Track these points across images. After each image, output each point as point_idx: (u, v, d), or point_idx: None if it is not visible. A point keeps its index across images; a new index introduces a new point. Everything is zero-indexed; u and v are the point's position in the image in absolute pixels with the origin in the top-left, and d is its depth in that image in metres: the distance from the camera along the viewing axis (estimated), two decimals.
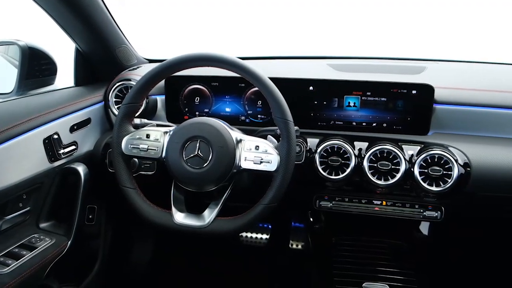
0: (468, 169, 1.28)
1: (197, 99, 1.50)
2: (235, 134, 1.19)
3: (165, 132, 1.21)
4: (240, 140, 1.18)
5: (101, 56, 1.57)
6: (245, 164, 1.17)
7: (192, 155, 1.16)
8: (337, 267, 1.45)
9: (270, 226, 2.17)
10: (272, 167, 1.15)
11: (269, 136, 1.26)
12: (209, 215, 1.18)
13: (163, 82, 1.49)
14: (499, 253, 1.89)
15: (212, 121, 1.19)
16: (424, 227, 1.61)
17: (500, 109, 1.38)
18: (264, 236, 2.14)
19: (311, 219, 1.68)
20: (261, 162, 1.15)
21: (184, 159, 1.16)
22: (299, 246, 2.06)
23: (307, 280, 1.61)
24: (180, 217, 1.19)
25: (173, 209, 1.20)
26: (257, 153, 1.16)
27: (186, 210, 1.22)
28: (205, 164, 1.15)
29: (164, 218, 1.19)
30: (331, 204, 1.44)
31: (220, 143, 1.16)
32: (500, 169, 1.28)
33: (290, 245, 2.08)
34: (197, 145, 1.16)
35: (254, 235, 2.14)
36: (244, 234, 2.16)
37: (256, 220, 1.16)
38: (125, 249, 1.96)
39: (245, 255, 2.15)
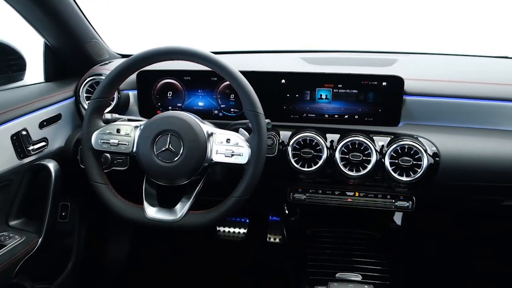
0: (437, 159, 1.31)
1: (170, 93, 1.49)
2: (206, 127, 1.19)
3: (136, 127, 1.20)
4: (211, 134, 1.18)
5: (70, 51, 1.54)
6: (216, 157, 1.17)
7: (163, 149, 1.15)
8: (312, 258, 1.46)
9: (247, 220, 2.17)
10: (243, 159, 1.15)
11: (240, 129, 1.26)
12: (181, 209, 1.17)
13: (135, 76, 1.48)
14: (471, 241, 1.94)
15: (183, 115, 1.19)
16: (398, 217, 1.64)
17: (469, 100, 1.41)
18: (242, 230, 2.14)
19: (287, 212, 1.68)
20: (232, 155, 1.16)
21: (155, 153, 1.16)
22: (277, 240, 2.07)
23: (283, 273, 1.62)
24: (152, 212, 1.18)
25: (145, 203, 1.19)
26: (228, 146, 1.16)
27: (158, 204, 1.21)
28: (176, 158, 1.15)
29: (136, 213, 1.18)
30: (304, 196, 1.45)
31: (191, 137, 1.15)
32: (468, 159, 1.31)
33: (268, 239, 2.09)
34: (168, 139, 1.16)
35: (231, 229, 2.15)
36: (221, 228, 2.16)
37: (228, 213, 1.17)
38: (101, 246, 1.94)
39: (223, 250, 2.15)
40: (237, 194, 1.15)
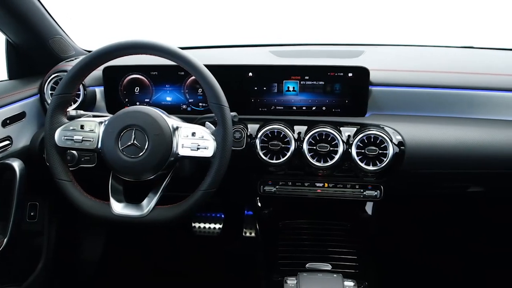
0: (402, 147, 1.33)
1: (137, 89, 1.48)
2: (171, 121, 1.18)
3: (100, 123, 1.19)
4: (177, 128, 1.18)
5: (33, 48, 1.51)
6: (182, 151, 1.17)
7: (127, 144, 1.14)
8: (283, 250, 1.47)
9: (223, 216, 2.17)
10: (209, 152, 1.15)
11: (207, 122, 1.26)
12: (147, 204, 1.17)
13: (101, 72, 1.46)
14: (439, 229, 1.98)
15: (147, 109, 1.18)
16: (369, 207, 1.66)
17: (433, 89, 1.43)
18: (217, 226, 2.14)
19: (260, 205, 1.69)
20: (198, 149, 1.15)
21: (120, 148, 1.15)
22: (252, 234, 2.08)
23: (256, 266, 1.63)
24: (118, 208, 1.17)
25: (111, 199, 1.18)
26: (193, 140, 1.16)
27: (125, 200, 1.20)
28: (141, 153, 1.14)
29: (102, 210, 1.17)
30: (274, 189, 1.45)
31: (155, 131, 1.15)
32: (433, 147, 1.34)
33: (243, 233, 2.09)
34: (133, 134, 1.15)
35: (207, 225, 2.15)
36: (197, 224, 2.16)
37: (195, 206, 1.16)
38: (73, 246, 1.92)
39: (198, 245, 2.15)
40: (203, 187, 1.15)
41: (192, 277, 2.01)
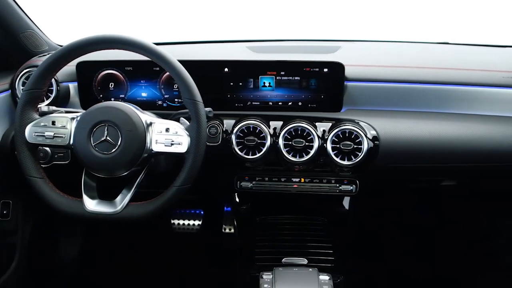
0: (377, 142, 1.34)
1: (112, 84, 1.46)
2: (145, 117, 1.17)
3: (72, 118, 1.17)
4: (151, 123, 1.17)
5: (4, 43, 1.48)
6: (156, 147, 1.16)
7: (100, 140, 1.13)
8: (259, 245, 1.47)
9: (202, 212, 2.17)
10: (183, 148, 1.14)
11: (181, 118, 1.25)
12: (121, 200, 1.16)
13: (75, 68, 1.44)
14: (414, 223, 2.01)
15: (120, 105, 1.16)
16: (346, 202, 1.67)
17: (408, 84, 1.44)
18: (196, 222, 2.14)
19: (238, 201, 1.69)
20: (172, 144, 1.15)
21: (92, 144, 1.13)
22: (232, 230, 2.07)
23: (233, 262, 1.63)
24: (91, 205, 1.16)
25: (84, 196, 1.17)
26: (167, 135, 1.15)
27: (98, 197, 1.19)
28: (114, 149, 1.13)
29: (74, 206, 1.16)
30: (251, 184, 1.45)
31: (129, 127, 1.14)
32: (407, 141, 1.35)
33: (223, 230, 2.09)
34: (105, 130, 1.13)
35: (186, 221, 2.14)
36: (176, 221, 2.15)
37: (170, 202, 1.16)
38: (50, 245, 1.89)
39: (178, 242, 2.14)
40: (177, 183, 1.14)
41: (172, 274, 2.01)
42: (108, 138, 1.13)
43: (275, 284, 1.25)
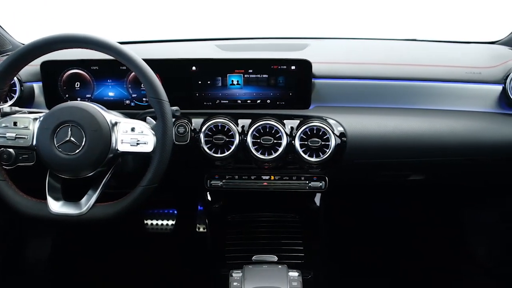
0: (344, 139, 1.36)
1: (78, 84, 1.44)
2: (110, 116, 1.16)
3: (35, 119, 1.15)
4: (116, 123, 1.16)
5: None
6: (122, 147, 1.15)
7: (64, 141, 1.12)
8: (230, 243, 1.48)
9: (175, 212, 2.16)
10: (148, 148, 1.14)
11: (148, 117, 1.24)
12: (87, 202, 1.15)
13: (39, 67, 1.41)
14: (384, 219, 2.04)
15: (84, 105, 1.15)
16: (317, 199, 1.68)
17: (375, 81, 1.46)
18: (170, 222, 2.12)
19: (210, 199, 1.68)
20: (137, 144, 1.14)
21: (56, 145, 1.12)
22: (206, 229, 2.07)
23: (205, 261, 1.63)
24: (56, 206, 1.14)
25: (48, 198, 1.15)
26: (133, 135, 1.15)
27: (64, 198, 1.17)
28: (78, 150, 1.11)
29: (38, 209, 1.14)
30: (221, 183, 1.45)
31: (93, 127, 1.12)
32: (373, 137, 1.37)
33: (197, 229, 2.08)
34: (69, 130, 1.12)
35: (159, 221, 2.12)
36: (149, 221, 2.13)
37: (137, 202, 1.15)
38: (17, 249, 1.85)
39: (151, 243, 2.12)
40: (144, 183, 1.14)
41: (145, 275, 1.99)
42: (72, 138, 1.12)
43: (244, 281, 1.25)
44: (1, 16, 1.53)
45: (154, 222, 2.11)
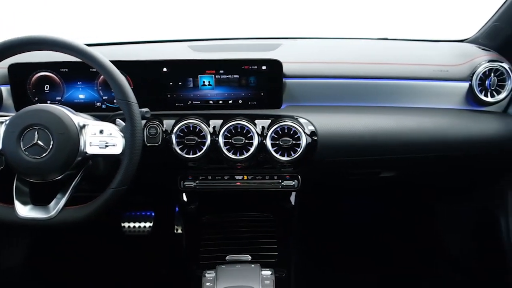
0: (315, 137, 1.37)
1: (47, 87, 1.42)
2: (78, 119, 1.15)
3: (1, 123, 1.14)
4: (84, 125, 1.15)
5: None
6: (90, 150, 1.14)
7: (31, 144, 1.11)
8: (205, 244, 1.48)
9: (153, 214, 2.14)
10: (117, 150, 1.13)
11: (117, 119, 1.24)
12: (55, 205, 1.14)
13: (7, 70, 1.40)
14: (357, 218, 2.07)
15: (51, 108, 1.14)
16: (292, 198, 1.70)
17: (345, 80, 1.48)
18: (147, 224, 2.11)
19: (185, 200, 1.68)
20: (106, 146, 1.14)
21: (22, 149, 1.11)
22: (182, 230, 2.06)
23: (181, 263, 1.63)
24: (24, 211, 1.13)
25: (16, 202, 1.14)
26: (102, 137, 1.14)
27: (32, 202, 1.16)
28: (46, 153, 1.11)
29: (6, 213, 1.13)
30: (194, 184, 1.45)
31: (60, 130, 1.11)
32: (344, 136, 1.39)
33: (175, 230, 2.08)
34: (36, 133, 1.11)
35: (136, 224, 2.11)
36: (126, 224, 2.12)
37: (107, 205, 1.15)
38: None
39: (129, 246, 2.11)
40: (114, 185, 1.13)
41: (123, 278, 1.97)
42: (39, 142, 1.11)
43: (216, 282, 1.26)
44: None
45: (132, 224, 2.09)
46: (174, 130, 1.34)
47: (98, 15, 2.12)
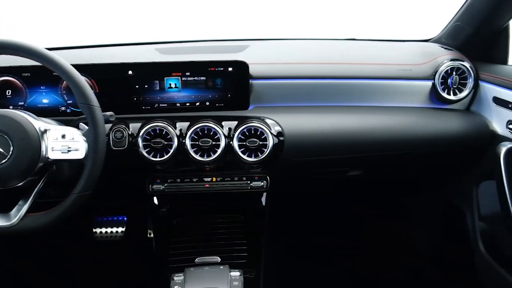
0: (282, 138, 1.38)
1: (9, 92, 1.39)
2: (39, 124, 1.13)
3: None
4: (45, 130, 1.13)
5: None
6: (52, 155, 1.12)
7: None
8: (174, 247, 1.47)
9: (125, 218, 2.12)
10: (80, 154, 1.12)
11: (81, 123, 1.22)
12: (17, 212, 1.11)
13: None
14: (327, 216, 2.09)
15: (10, 113, 1.12)
16: (263, 198, 1.70)
17: (312, 80, 1.50)
18: (120, 229, 2.09)
19: (157, 204, 1.67)
20: (69, 151, 1.12)
21: None
22: (152, 234, 2.05)
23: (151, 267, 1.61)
24: None
25: None
26: (64, 142, 1.12)
27: None
28: (5, 160, 1.08)
29: None
30: (163, 187, 1.45)
31: (20, 135, 1.09)
32: (310, 135, 1.40)
33: (148, 234, 2.06)
34: None
35: (108, 229, 2.08)
36: (98, 230, 2.09)
37: (71, 210, 1.13)
38: None
39: (101, 252, 2.08)
40: (77, 190, 1.12)
41: (95, 284, 1.95)
42: None
43: (185, 284, 1.25)
44: None
45: (104, 230, 2.07)
46: (141, 133, 1.33)
47: (65, 19, 2.09)
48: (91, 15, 2.09)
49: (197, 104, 1.43)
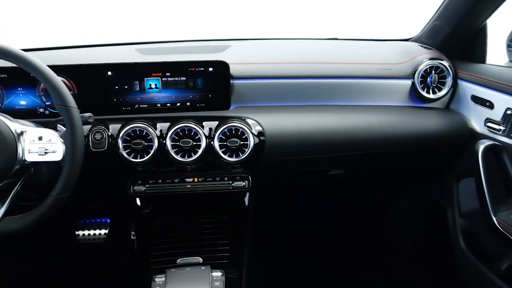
0: (262, 138, 1.38)
1: None
2: (15, 126, 1.11)
3: None
4: (22, 132, 1.11)
5: None
6: (29, 157, 1.11)
7: None
8: (156, 248, 1.46)
9: (108, 220, 2.10)
10: (57, 156, 1.10)
11: (58, 125, 1.21)
12: None
13: None
14: (309, 216, 2.10)
15: None
16: (246, 198, 1.69)
17: (293, 79, 1.50)
18: (103, 231, 2.07)
19: (139, 205, 1.65)
20: (46, 153, 1.10)
21: None
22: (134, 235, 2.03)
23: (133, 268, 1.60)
24: None
25: None
26: (41, 144, 1.11)
27: None
28: None
29: None
30: (144, 188, 1.44)
31: None
32: (291, 135, 1.40)
33: (132, 236, 2.04)
34: None
35: (91, 231, 2.06)
36: (80, 232, 2.07)
37: (48, 213, 1.11)
38: None
39: (84, 254, 2.06)
40: (55, 192, 1.10)
41: (76, 286, 1.93)
42: None
43: (166, 285, 1.25)
44: None
45: (86, 232, 2.04)
46: (121, 135, 1.32)
47: (44, 19, 2.06)
48: (71, 16, 2.07)
49: (178, 104, 1.43)
